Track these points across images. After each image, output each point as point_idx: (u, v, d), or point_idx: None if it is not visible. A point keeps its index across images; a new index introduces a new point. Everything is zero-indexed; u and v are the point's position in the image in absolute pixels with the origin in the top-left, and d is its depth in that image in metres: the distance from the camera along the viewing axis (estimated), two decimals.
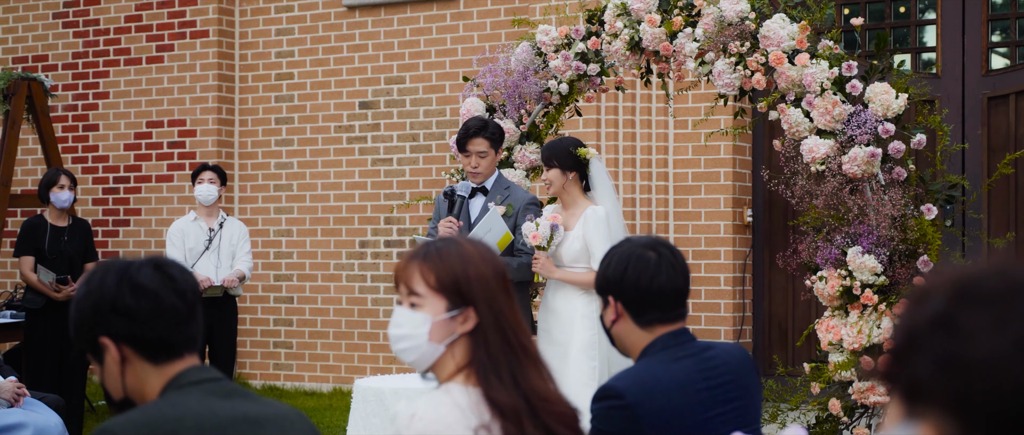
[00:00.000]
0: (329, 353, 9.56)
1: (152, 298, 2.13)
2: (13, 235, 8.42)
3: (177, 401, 2.10)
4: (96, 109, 10.25)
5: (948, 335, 1.08)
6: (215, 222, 7.66)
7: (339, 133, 9.60)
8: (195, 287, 2.22)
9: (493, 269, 2.36)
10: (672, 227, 8.54)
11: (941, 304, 1.11)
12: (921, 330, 1.11)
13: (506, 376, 2.29)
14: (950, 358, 1.07)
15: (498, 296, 2.34)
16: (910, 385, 1.10)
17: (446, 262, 2.32)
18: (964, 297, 1.10)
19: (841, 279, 5.41)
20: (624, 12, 6.05)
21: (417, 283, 2.33)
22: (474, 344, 2.32)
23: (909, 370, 1.11)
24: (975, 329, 1.07)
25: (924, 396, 1.08)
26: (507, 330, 2.33)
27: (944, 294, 1.12)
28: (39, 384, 7.02)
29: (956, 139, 7.58)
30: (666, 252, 2.80)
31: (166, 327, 2.15)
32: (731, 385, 2.83)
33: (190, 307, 2.17)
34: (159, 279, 2.15)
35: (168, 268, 2.18)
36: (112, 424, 2.05)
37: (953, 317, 1.09)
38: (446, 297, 2.32)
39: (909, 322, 1.13)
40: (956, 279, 1.13)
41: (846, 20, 7.91)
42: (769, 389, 6.15)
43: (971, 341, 1.07)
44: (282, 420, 2.20)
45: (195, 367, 2.17)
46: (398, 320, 2.35)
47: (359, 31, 9.55)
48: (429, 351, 2.33)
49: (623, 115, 8.55)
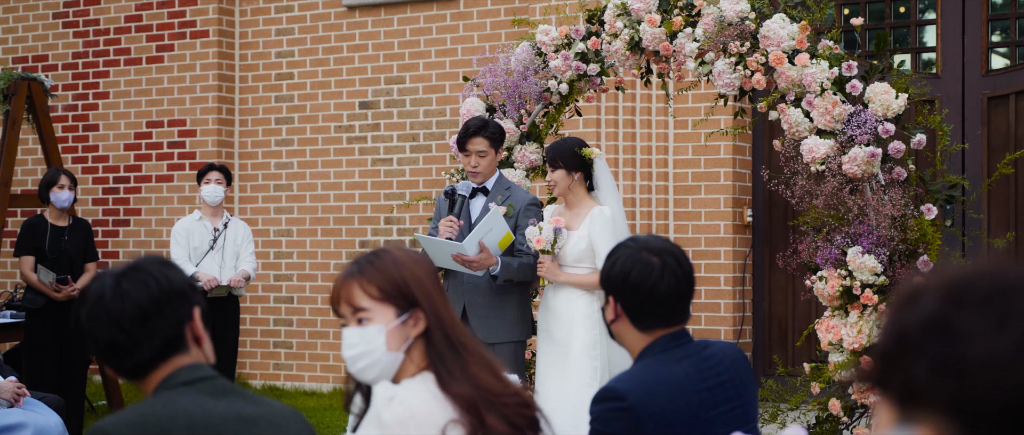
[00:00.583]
0: (329, 353, 9.56)
1: (90, 335, 2.18)
2: (13, 235, 8.42)
3: (169, 400, 2.12)
4: (96, 109, 10.25)
5: (943, 338, 1.08)
6: (220, 222, 7.68)
7: (339, 133, 9.60)
8: (135, 311, 2.16)
9: (426, 270, 2.40)
10: (672, 227, 8.54)
11: (933, 306, 1.11)
12: (913, 333, 1.11)
13: (457, 371, 2.32)
14: (947, 361, 1.07)
15: (434, 296, 2.38)
16: (905, 388, 1.10)
17: (383, 271, 2.35)
18: (957, 299, 1.10)
19: (841, 279, 5.41)
20: (624, 12, 6.05)
21: (360, 298, 2.34)
22: (426, 345, 2.35)
23: (903, 373, 1.10)
24: (971, 331, 1.07)
25: (920, 399, 1.08)
26: (447, 329, 2.37)
27: (936, 296, 1.11)
28: (39, 384, 7.02)
29: (956, 139, 7.59)
30: (671, 260, 2.78)
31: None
32: (729, 384, 2.83)
33: (132, 337, 2.15)
34: (96, 312, 2.16)
35: (105, 297, 2.16)
36: (105, 423, 2.07)
37: (947, 319, 1.09)
38: (393, 304, 2.34)
39: (899, 325, 1.13)
40: (947, 281, 1.13)
41: (846, 20, 7.91)
42: (769, 389, 6.15)
43: (968, 343, 1.07)
44: (277, 419, 2.20)
45: (188, 366, 2.17)
46: (350, 340, 2.35)
47: (359, 31, 9.55)
48: (390, 361, 2.35)
49: (623, 115, 8.55)
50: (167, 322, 2.16)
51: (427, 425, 2.25)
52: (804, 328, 7.65)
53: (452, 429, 2.25)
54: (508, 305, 5.59)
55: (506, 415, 2.31)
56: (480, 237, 5.32)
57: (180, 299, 2.18)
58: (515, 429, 2.31)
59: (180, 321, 2.17)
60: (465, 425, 2.27)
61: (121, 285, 2.14)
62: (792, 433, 1.77)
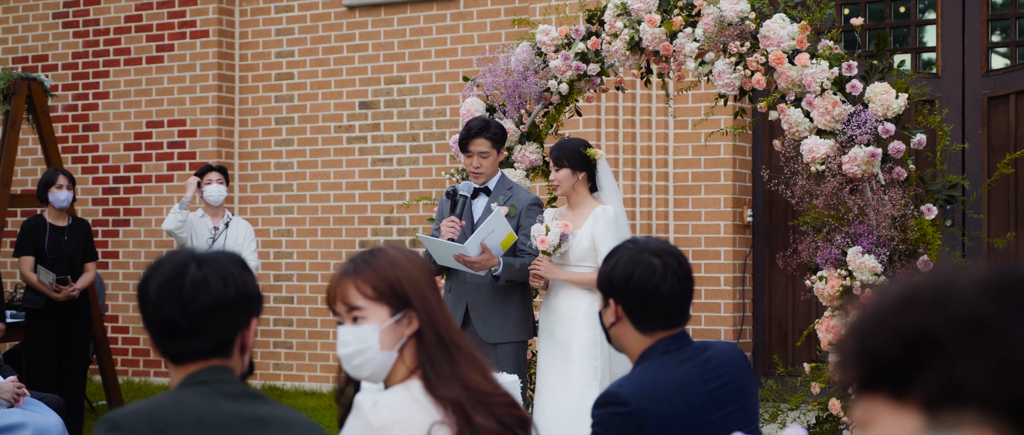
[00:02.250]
0: (329, 353, 9.56)
1: (153, 306, 2.16)
2: (13, 235, 8.42)
3: (182, 396, 2.14)
4: (96, 109, 10.25)
5: (997, 339, 1.08)
6: (220, 221, 7.68)
7: (339, 133, 9.60)
8: (208, 302, 2.14)
9: (421, 270, 2.43)
10: (672, 227, 8.54)
11: (976, 307, 1.09)
12: (948, 332, 1.09)
13: (445, 372, 2.35)
14: (1004, 361, 1.06)
15: (428, 296, 2.41)
16: (944, 391, 1.08)
17: (378, 270, 2.38)
18: (1004, 299, 1.10)
19: (841, 279, 5.41)
20: (624, 12, 6.05)
21: (355, 297, 2.38)
22: (418, 345, 2.38)
23: (939, 375, 1.09)
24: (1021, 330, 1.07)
25: (965, 401, 1.07)
26: (440, 328, 2.40)
27: (975, 296, 1.10)
28: (39, 384, 7.01)
29: (956, 139, 7.58)
30: (672, 261, 2.78)
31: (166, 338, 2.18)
32: (730, 386, 2.83)
33: (192, 324, 2.14)
34: (168, 288, 2.14)
35: (183, 277, 2.15)
36: (116, 414, 2.09)
37: (997, 320, 1.09)
38: (387, 303, 2.38)
39: (925, 324, 1.10)
40: (983, 281, 1.12)
41: (846, 20, 7.91)
42: (769, 389, 6.15)
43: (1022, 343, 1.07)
44: (290, 424, 2.20)
45: (210, 368, 2.18)
46: (345, 338, 2.40)
47: (359, 31, 9.55)
48: (383, 360, 2.39)
49: (623, 115, 8.55)
50: (228, 323, 2.17)
51: (410, 428, 2.28)
52: (804, 328, 7.65)
53: (437, 430, 2.28)
54: (510, 305, 5.59)
55: (495, 414, 2.34)
56: (482, 238, 5.33)
57: (248, 305, 2.19)
58: (505, 427, 2.35)
59: (237, 326, 2.18)
60: (451, 426, 2.30)
61: (203, 271, 2.13)
62: (792, 433, 1.76)
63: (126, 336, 10.15)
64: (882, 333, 1.13)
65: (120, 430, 2.05)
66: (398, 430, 2.28)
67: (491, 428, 2.32)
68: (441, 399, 2.32)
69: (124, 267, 10.16)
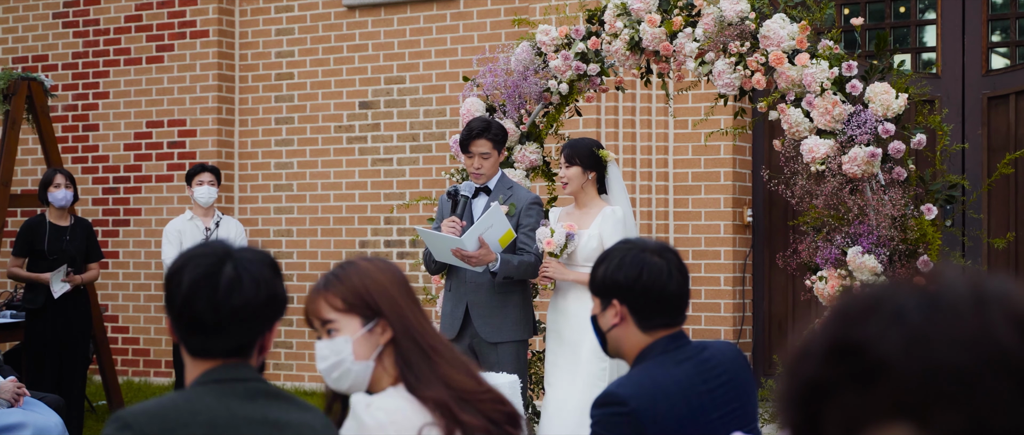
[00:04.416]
0: None
1: (183, 300, 2.14)
2: (13, 235, 8.42)
3: (194, 396, 2.14)
4: (96, 109, 10.25)
5: (856, 359, 1.04)
6: (211, 222, 7.68)
7: (339, 133, 9.60)
8: (239, 304, 2.13)
9: (391, 278, 2.45)
10: (672, 227, 8.54)
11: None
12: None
13: (425, 374, 2.38)
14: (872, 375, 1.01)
15: (400, 302, 2.43)
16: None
17: (346, 281, 2.41)
18: (851, 319, 1.07)
19: (841, 279, 5.41)
20: (624, 12, 6.05)
21: (327, 311, 2.41)
22: (395, 352, 2.41)
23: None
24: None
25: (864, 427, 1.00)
26: (414, 333, 2.42)
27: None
28: (39, 384, 7.02)
29: (956, 139, 7.59)
30: (673, 258, 2.79)
31: (192, 333, 2.17)
32: (729, 386, 2.83)
33: (219, 323, 2.13)
34: (202, 285, 2.13)
35: (218, 276, 2.13)
36: (126, 413, 2.09)
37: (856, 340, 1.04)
38: (357, 313, 2.41)
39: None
40: (839, 307, 1.09)
41: (846, 20, 7.91)
42: (769, 389, 6.15)
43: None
44: (303, 428, 2.20)
45: (226, 365, 2.17)
46: (322, 352, 2.44)
47: (359, 31, 9.55)
48: (360, 370, 2.42)
49: (623, 115, 8.55)
50: (254, 326, 2.16)
51: (404, 428, 2.30)
52: (804, 328, 7.63)
53: (428, 431, 2.30)
54: (511, 305, 5.59)
55: (483, 411, 2.36)
56: (480, 233, 5.32)
57: (274, 310, 2.18)
58: (493, 424, 2.37)
59: (261, 330, 2.18)
60: (441, 427, 2.32)
61: (237, 272, 2.12)
62: None
63: (126, 336, 10.15)
64: (787, 388, 1.09)
65: (130, 429, 2.05)
66: (392, 430, 2.30)
67: (480, 425, 2.34)
68: (425, 401, 2.34)
69: (124, 267, 10.16)
